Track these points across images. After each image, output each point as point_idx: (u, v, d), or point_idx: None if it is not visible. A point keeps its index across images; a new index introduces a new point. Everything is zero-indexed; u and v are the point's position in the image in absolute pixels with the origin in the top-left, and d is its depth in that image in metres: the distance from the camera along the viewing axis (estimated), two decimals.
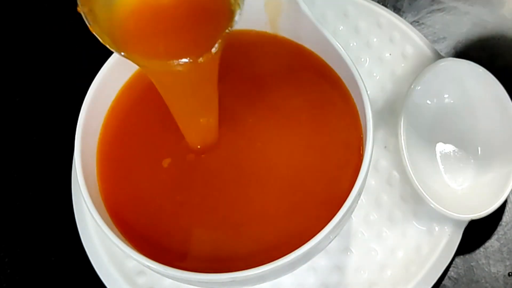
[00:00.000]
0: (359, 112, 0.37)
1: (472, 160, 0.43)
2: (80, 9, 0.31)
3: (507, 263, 0.43)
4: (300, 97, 0.39)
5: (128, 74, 0.39)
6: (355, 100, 0.37)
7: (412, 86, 0.43)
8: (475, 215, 0.41)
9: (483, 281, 0.43)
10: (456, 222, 0.42)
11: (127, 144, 0.38)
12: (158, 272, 0.34)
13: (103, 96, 0.38)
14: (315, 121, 0.38)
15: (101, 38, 0.31)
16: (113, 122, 0.38)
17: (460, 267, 0.43)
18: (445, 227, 0.42)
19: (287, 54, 0.40)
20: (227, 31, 0.32)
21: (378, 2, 0.47)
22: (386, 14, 0.46)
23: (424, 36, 0.46)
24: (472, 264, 0.43)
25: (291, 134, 0.38)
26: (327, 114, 0.38)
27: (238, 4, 0.33)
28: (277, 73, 0.39)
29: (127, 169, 0.38)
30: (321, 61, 0.39)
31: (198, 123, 0.37)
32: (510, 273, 0.43)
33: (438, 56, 0.45)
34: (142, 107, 0.39)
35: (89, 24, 0.31)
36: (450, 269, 0.43)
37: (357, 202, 0.35)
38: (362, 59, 0.46)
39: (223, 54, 0.33)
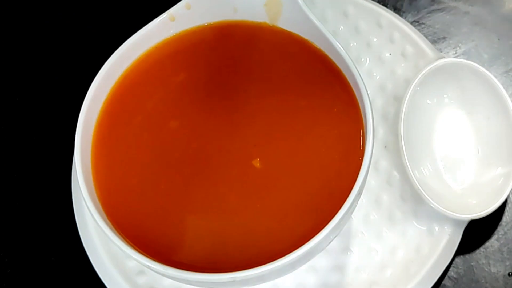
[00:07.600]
0: (360, 112, 0.37)
1: (472, 160, 0.43)
2: None
3: (507, 263, 0.43)
4: (299, 95, 0.38)
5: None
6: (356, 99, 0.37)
7: (412, 86, 0.43)
8: (475, 215, 0.41)
9: (483, 281, 0.43)
10: (456, 222, 0.42)
11: (123, 143, 0.38)
12: (158, 272, 0.34)
13: (103, 96, 0.38)
14: (315, 121, 0.38)
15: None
16: (107, 121, 0.38)
17: (460, 267, 0.43)
18: (445, 227, 0.42)
19: (288, 46, 0.39)
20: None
21: (378, 2, 0.47)
22: (386, 14, 0.46)
23: (424, 36, 0.46)
24: (472, 264, 0.43)
25: (291, 133, 0.38)
26: (328, 113, 0.38)
27: None
28: (277, 67, 0.39)
29: (125, 169, 0.38)
30: (323, 54, 0.39)
31: None
32: (510, 273, 0.43)
33: (438, 56, 0.45)
34: (134, 104, 0.39)
35: None
36: (450, 269, 0.43)
37: (357, 202, 0.35)
38: (362, 59, 0.46)
39: (223, 47, 0.32)
